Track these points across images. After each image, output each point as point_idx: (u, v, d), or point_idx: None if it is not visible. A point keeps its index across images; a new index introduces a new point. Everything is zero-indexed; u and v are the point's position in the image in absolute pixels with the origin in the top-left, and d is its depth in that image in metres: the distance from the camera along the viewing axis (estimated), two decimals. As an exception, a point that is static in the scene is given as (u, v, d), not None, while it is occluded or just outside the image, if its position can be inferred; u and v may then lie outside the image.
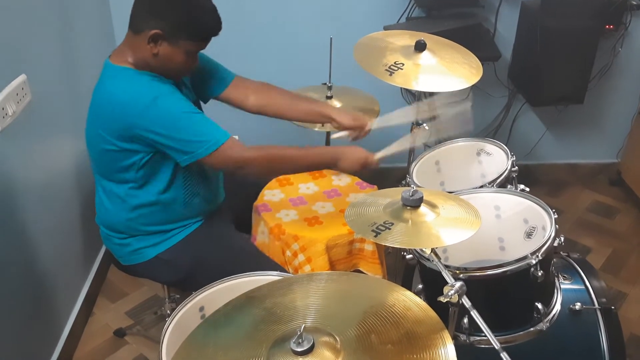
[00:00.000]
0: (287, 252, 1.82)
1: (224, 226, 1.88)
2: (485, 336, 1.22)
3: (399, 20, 2.69)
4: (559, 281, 1.65)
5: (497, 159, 2.00)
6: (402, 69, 1.85)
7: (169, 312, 2.02)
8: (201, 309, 1.50)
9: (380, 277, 1.87)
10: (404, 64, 1.86)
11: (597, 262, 2.64)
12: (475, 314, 1.23)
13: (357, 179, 2.08)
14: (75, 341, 2.22)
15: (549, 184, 3.14)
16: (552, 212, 1.60)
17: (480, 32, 2.67)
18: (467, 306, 1.24)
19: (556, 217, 1.59)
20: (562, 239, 1.56)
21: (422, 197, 1.32)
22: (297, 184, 2.04)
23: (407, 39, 1.96)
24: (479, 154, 2.08)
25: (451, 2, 2.66)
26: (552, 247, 1.52)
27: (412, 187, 1.34)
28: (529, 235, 1.66)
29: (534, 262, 1.45)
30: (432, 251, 1.30)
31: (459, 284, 1.24)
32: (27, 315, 1.91)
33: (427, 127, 2.11)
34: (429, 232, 1.29)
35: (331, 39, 2.15)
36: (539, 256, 1.46)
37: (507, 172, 1.86)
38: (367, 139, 2.97)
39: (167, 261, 1.76)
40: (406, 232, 1.28)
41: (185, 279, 1.78)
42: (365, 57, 1.91)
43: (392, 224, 1.30)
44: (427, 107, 1.76)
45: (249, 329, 1.11)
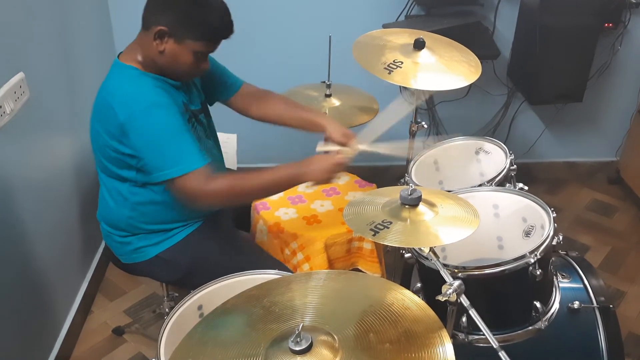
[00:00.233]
0: (286, 251, 1.82)
1: (224, 225, 1.88)
2: (483, 335, 1.22)
3: (397, 18, 2.68)
4: (557, 280, 1.65)
5: (495, 158, 2.00)
6: (401, 67, 1.85)
7: (167, 310, 2.02)
8: (200, 307, 1.50)
9: (378, 275, 1.88)
10: (402, 62, 1.86)
11: (596, 260, 2.64)
12: (473, 312, 1.23)
13: (356, 177, 2.07)
14: (73, 339, 2.22)
15: (547, 183, 3.14)
16: (550, 210, 1.60)
17: (479, 30, 2.67)
18: (465, 305, 1.24)
19: (555, 215, 1.59)
20: (561, 238, 1.56)
21: (421, 195, 1.32)
22: (296, 182, 2.04)
23: (406, 37, 1.96)
24: (477, 153, 2.08)
25: (450, 0, 2.66)
26: (550, 246, 1.51)
27: (410, 185, 1.34)
28: (527, 234, 1.66)
29: (533, 261, 1.45)
30: (431, 250, 1.30)
31: (457, 283, 1.24)
32: (25, 313, 1.91)
33: (425, 125, 2.12)
34: (428, 231, 1.29)
35: (330, 37, 2.15)
36: (538, 255, 1.46)
37: (505, 170, 1.86)
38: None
39: (167, 260, 1.76)
40: (405, 231, 1.28)
41: (184, 278, 1.78)
42: (364, 56, 1.91)
43: (391, 222, 1.30)
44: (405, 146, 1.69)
45: (247, 328, 1.11)
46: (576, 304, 1.60)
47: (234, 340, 1.09)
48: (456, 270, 1.45)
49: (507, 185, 1.86)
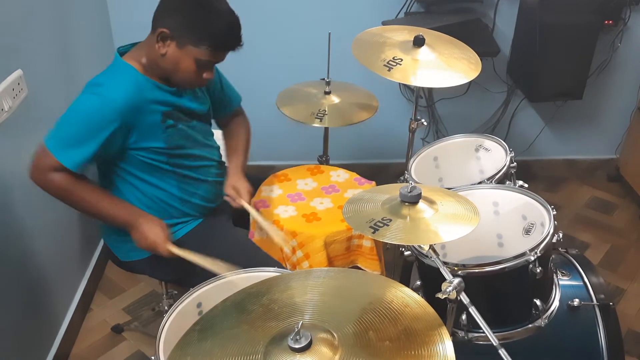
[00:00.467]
0: (285, 249, 1.82)
1: (223, 222, 1.88)
2: (483, 333, 1.22)
3: (397, 15, 2.68)
4: (557, 277, 1.65)
5: (495, 155, 1.99)
6: (400, 65, 1.84)
7: (166, 308, 2.01)
8: (199, 305, 1.50)
9: (378, 273, 1.87)
10: (402, 60, 1.86)
11: (595, 257, 2.64)
12: (473, 310, 1.23)
13: (355, 175, 2.07)
14: (72, 337, 2.22)
15: (547, 180, 3.14)
16: (550, 208, 1.60)
17: (479, 28, 2.66)
18: (465, 303, 1.24)
19: (555, 213, 1.58)
20: (561, 236, 1.56)
21: (421, 193, 1.32)
22: (295, 180, 2.04)
23: (405, 34, 1.96)
24: (477, 150, 2.08)
25: (450, -3, 2.66)
26: (550, 244, 1.51)
27: (410, 183, 1.33)
28: (527, 231, 1.66)
29: (533, 258, 1.45)
30: (431, 247, 1.30)
31: (457, 281, 1.24)
32: (24, 311, 1.91)
33: (425, 123, 2.12)
34: (427, 228, 1.28)
35: (329, 34, 2.14)
36: (538, 253, 1.46)
37: (505, 168, 1.86)
38: (363, 142, 2.98)
39: (165, 258, 1.75)
40: (404, 229, 1.28)
41: (183, 276, 1.77)
42: (363, 53, 1.90)
43: (390, 220, 1.30)
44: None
45: (247, 326, 1.11)
46: (576, 302, 1.60)
47: (233, 338, 1.09)
48: (456, 267, 1.45)
49: (507, 182, 1.86)
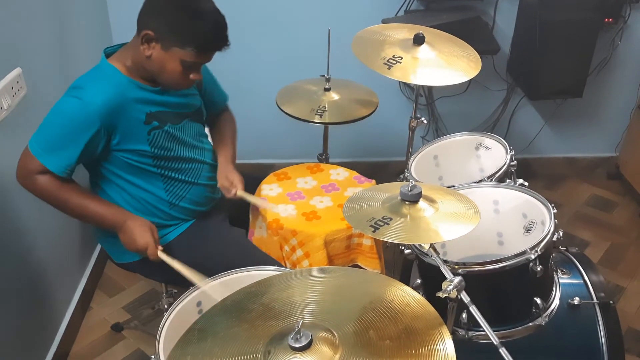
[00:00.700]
0: (285, 247, 1.82)
1: (218, 222, 1.87)
2: (483, 331, 1.22)
3: (397, 13, 2.67)
4: (557, 276, 1.65)
5: (495, 153, 1.99)
6: (400, 63, 1.84)
7: (166, 306, 2.01)
8: (199, 303, 1.50)
9: (378, 272, 1.87)
10: (402, 58, 1.85)
11: (595, 256, 2.64)
12: (474, 309, 1.23)
13: (355, 173, 2.07)
14: (72, 336, 2.22)
15: (547, 178, 3.14)
16: (551, 206, 1.60)
17: (479, 25, 2.66)
18: (465, 301, 1.24)
19: (555, 211, 1.58)
20: (561, 234, 1.56)
21: (421, 192, 1.32)
22: (295, 179, 2.04)
23: (405, 32, 1.95)
24: (477, 148, 2.07)
25: (450, -5, 2.65)
26: (551, 242, 1.51)
27: (410, 181, 1.33)
28: (527, 230, 1.66)
29: (533, 257, 1.45)
30: (431, 246, 1.30)
31: (457, 279, 1.23)
32: (24, 309, 1.90)
33: (425, 121, 2.11)
34: (428, 227, 1.28)
35: (329, 31, 2.14)
36: (538, 251, 1.46)
37: (505, 166, 1.85)
38: (363, 140, 2.97)
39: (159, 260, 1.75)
40: (405, 227, 1.28)
41: (179, 276, 1.77)
42: (363, 51, 1.90)
43: (391, 219, 1.29)
44: None
45: (247, 325, 1.10)
46: (576, 300, 1.60)
47: (233, 337, 1.09)
48: (456, 266, 1.45)
49: (507, 181, 1.86)
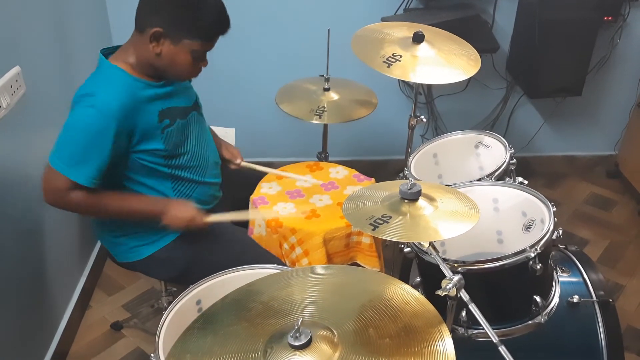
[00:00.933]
0: (285, 246, 1.82)
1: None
2: (483, 329, 1.22)
3: (396, 11, 2.67)
4: (557, 274, 1.65)
5: (495, 152, 1.99)
6: (400, 61, 1.84)
7: (166, 305, 2.01)
8: (198, 302, 1.50)
9: (377, 270, 1.87)
10: (401, 56, 1.85)
11: (595, 254, 2.64)
12: (473, 307, 1.23)
13: (354, 172, 2.07)
14: (72, 334, 2.22)
15: (546, 176, 3.14)
16: (550, 205, 1.60)
17: (478, 24, 2.66)
18: (465, 299, 1.24)
19: (555, 210, 1.58)
20: (560, 232, 1.56)
21: (420, 190, 1.32)
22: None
23: (405, 31, 1.95)
24: (477, 147, 2.07)
25: (449, -7, 2.65)
26: (550, 241, 1.51)
27: (410, 180, 1.33)
28: (527, 228, 1.66)
29: (533, 255, 1.45)
30: (430, 244, 1.30)
31: (457, 277, 1.23)
32: (23, 308, 1.90)
33: (424, 119, 2.11)
34: (427, 225, 1.28)
35: (329, 31, 2.14)
36: (538, 249, 1.46)
37: (505, 164, 1.85)
38: (362, 138, 2.97)
39: (163, 258, 1.75)
40: (404, 226, 1.28)
41: (181, 275, 1.77)
42: (362, 49, 1.90)
43: (390, 217, 1.29)
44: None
45: (246, 323, 1.11)
46: (576, 298, 1.60)
47: (232, 335, 1.09)
48: (456, 264, 1.45)
49: (507, 179, 1.85)
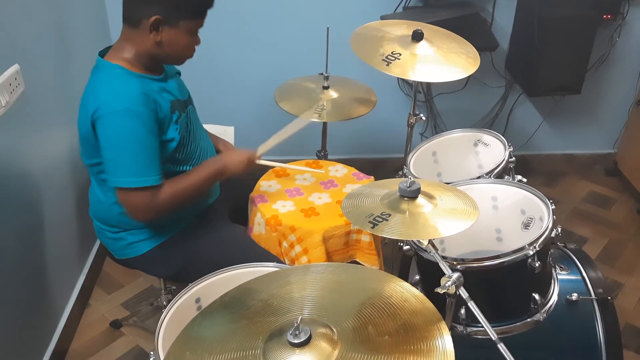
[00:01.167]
0: (284, 244, 1.82)
1: (219, 218, 1.88)
2: (482, 327, 1.22)
3: (396, 9, 2.67)
4: (555, 272, 1.65)
5: (494, 150, 1.99)
6: (399, 59, 1.84)
7: (165, 303, 2.01)
8: (197, 300, 1.50)
9: (377, 268, 1.87)
10: (401, 54, 1.85)
11: (593, 252, 2.65)
12: (472, 305, 1.23)
13: (354, 170, 2.07)
14: (71, 332, 2.22)
15: (545, 174, 3.14)
16: (549, 203, 1.60)
17: (477, 22, 2.66)
18: (464, 297, 1.24)
19: (553, 207, 1.58)
20: (559, 230, 1.56)
21: (420, 188, 1.32)
22: (294, 175, 2.04)
23: (404, 29, 1.95)
24: (476, 145, 2.07)
25: (448, -9, 2.65)
26: (549, 238, 1.51)
27: (409, 178, 1.33)
28: (526, 226, 1.66)
29: (531, 253, 1.45)
30: (430, 242, 1.30)
31: (456, 275, 1.23)
32: (23, 306, 1.90)
33: (423, 118, 2.11)
34: (426, 223, 1.28)
35: (328, 29, 2.14)
36: (537, 247, 1.46)
37: (504, 162, 1.85)
38: (361, 137, 2.98)
39: (161, 255, 1.75)
40: (403, 223, 1.28)
41: (180, 272, 1.77)
42: (362, 47, 1.90)
43: (389, 215, 1.29)
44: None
45: (246, 321, 1.11)
46: (574, 296, 1.60)
47: (232, 333, 1.09)
48: (455, 262, 1.45)
49: (506, 177, 1.86)
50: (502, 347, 1.18)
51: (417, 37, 1.87)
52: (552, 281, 1.62)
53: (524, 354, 1.20)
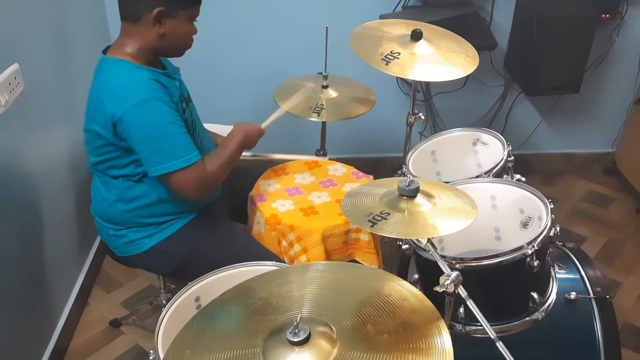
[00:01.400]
0: (283, 242, 1.82)
1: (219, 216, 1.88)
2: (481, 326, 1.23)
3: (395, 9, 2.67)
4: (554, 271, 1.65)
5: (493, 149, 2.00)
6: (398, 58, 1.84)
7: (164, 302, 2.01)
8: (197, 299, 1.50)
9: (376, 267, 1.88)
10: (400, 53, 1.85)
11: (592, 251, 2.65)
12: (471, 303, 1.23)
13: (353, 169, 2.07)
14: (70, 331, 2.22)
15: (544, 174, 3.15)
16: (548, 202, 1.60)
17: (476, 21, 2.66)
18: (463, 296, 1.24)
19: (552, 207, 1.59)
20: (558, 229, 1.56)
21: (419, 187, 1.32)
22: (293, 174, 2.04)
23: (403, 28, 1.95)
24: (475, 144, 2.08)
25: (447, -10, 2.65)
26: (548, 237, 1.52)
27: (408, 177, 1.33)
28: (525, 225, 1.66)
29: (530, 252, 1.45)
30: (429, 241, 1.30)
31: (455, 274, 1.24)
32: (22, 305, 1.90)
33: (422, 117, 2.12)
34: (425, 222, 1.29)
35: (327, 28, 2.14)
36: (535, 246, 1.46)
37: (503, 161, 1.86)
38: (360, 136, 2.98)
39: (162, 252, 1.76)
40: (402, 222, 1.28)
41: (180, 270, 1.78)
42: (361, 46, 1.90)
43: (389, 214, 1.30)
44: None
45: (245, 320, 1.11)
46: (573, 295, 1.61)
47: (231, 331, 1.09)
48: (454, 261, 1.46)
49: (505, 176, 1.86)
50: (500, 345, 1.19)
51: (416, 36, 1.87)
52: (551, 280, 1.62)
53: (523, 353, 1.20)
